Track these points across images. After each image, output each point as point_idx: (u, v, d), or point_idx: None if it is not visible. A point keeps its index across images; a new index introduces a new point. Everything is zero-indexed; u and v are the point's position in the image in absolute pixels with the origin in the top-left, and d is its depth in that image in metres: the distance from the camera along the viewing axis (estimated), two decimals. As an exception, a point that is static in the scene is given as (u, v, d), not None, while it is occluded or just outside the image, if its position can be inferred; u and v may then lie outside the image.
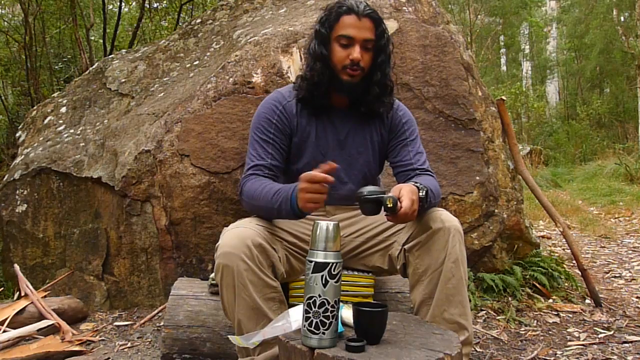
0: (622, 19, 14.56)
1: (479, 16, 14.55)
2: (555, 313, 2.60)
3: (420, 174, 1.70)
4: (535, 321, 2.50)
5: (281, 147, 1.70)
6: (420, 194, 1.47)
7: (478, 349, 2.18)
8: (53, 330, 2.32)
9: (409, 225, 1.59)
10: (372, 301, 1.73)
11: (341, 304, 1.24)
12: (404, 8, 2.74)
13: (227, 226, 1.56)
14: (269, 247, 1.49)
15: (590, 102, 13.94)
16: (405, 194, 1.39)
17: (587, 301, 2.79)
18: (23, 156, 2.91)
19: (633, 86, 13.01)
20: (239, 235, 1.45)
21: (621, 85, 14.17)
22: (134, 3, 8.02)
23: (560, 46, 16.68)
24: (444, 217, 1.52)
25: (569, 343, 2.26)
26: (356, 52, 1.62)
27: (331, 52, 1.66)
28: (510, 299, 2.66)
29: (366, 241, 1.71)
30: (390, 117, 1.79)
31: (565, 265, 3.17)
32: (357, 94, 1.71)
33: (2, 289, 2.82)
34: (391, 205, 1.34)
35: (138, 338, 2.31)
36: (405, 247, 1.58)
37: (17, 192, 2.78)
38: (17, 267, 2.61)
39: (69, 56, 7.14)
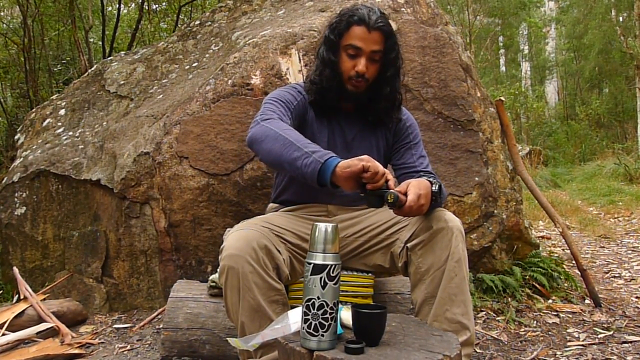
0: (620, 19, 14.58)
1: (478, 17, 14.56)
2: (555, 313, 2.60)
3: (423, 176, 1.71)
4: (535, 322, 2.50)
5: (295, 124, 1.68)
6: (434, 188, 1.48)
7: (478, 350, 2.18)
8: (52, 333, 2.32)
9: (411, 223, 1.60)
10: (371, 303, 1.73)
11: (340, 305, 1.24)
12: (403, 9, 2.74)
13: (226, 228, 1.56)
14: (274, 249, 1.49)
15: (590, 102, 13.96)
16: (412, 188, 1.41)
17: (587, 301, 2.79)
18: (22, 159, 2.91)
19: (632, 86, 13.01)
20: (245, 237, 1.44)
21: (620, 85, 14.19)
22: (132, 5, 8.03)
23: (559, 46, 16.70)
24: (447, 217, 1.53)
25: (569, 343, 2.26)
26: (361, 65, 1.64)
27: (339, 59, 1.68)
28: (509, 299, 2.65)
29: (368, 240, 1.71)
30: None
31: (564, 266, 3.17)
32: (363, 102, 1.74)
33: (1, 291, 2.82)
34: (391, 200, 1.36)
35: (137, 340, 2.31)
36: (408, 245, 1.58)
37: (16, 194, 2.78)
38: (16, 269, 2.61)
39: (68, 58, 7.15)
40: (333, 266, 1.15)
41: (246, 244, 1.42)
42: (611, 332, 2.37)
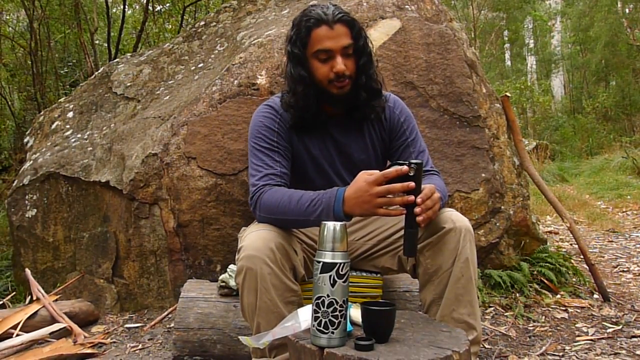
0: (627, 11, 14.46)
1: (482, 11, 14.50)
2: (564, 308, 2.60)
3: (424, 174, 1.71)
4: (544, 317, 2.50)
5: (287, 155, 1.65)
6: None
7: (487, 346, 2.19)
8: (65, 333, 2.35)
9: None
10: (381, 300, 1.74)
11: (350, 303, 1.25)
12: (407, 7, 2.74)
13: (235, 227, 1.57)
14: (291, 250, 1.49)
15: (596, 95, 13.85)
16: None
17: (595, 296, 2.78)
18: (32, 161, 2.95)
19: (639, 79, 12.92)
20: (263, 237, 1.44)
21: (627, 78, 14.06)
22: (137, 6, 8.06)
23: (565, 40, 16.59)
24: (455, 218, 1.51)
25: (578, 338, 2.27)
26: (339, 64, 1.55)
27: (311, 70, 1.60)
28: (518, 295, 2.66)
29: (377, 244, 1.71)
30: (389, 117, 1.76)
31: (572, 261, 3.16)
32: (351, 102, 1.67)
33: (14, 293, 2.86)
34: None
35: (149, 340, 2.34)
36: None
37: (27, 197, 2.81)
38: (28, 271, 2.64)
39: (74, 60, 7.20)
40: (342, 264, 1.16)
41: (264, 245, 1.42)
42: (620, 327, 2.37)
